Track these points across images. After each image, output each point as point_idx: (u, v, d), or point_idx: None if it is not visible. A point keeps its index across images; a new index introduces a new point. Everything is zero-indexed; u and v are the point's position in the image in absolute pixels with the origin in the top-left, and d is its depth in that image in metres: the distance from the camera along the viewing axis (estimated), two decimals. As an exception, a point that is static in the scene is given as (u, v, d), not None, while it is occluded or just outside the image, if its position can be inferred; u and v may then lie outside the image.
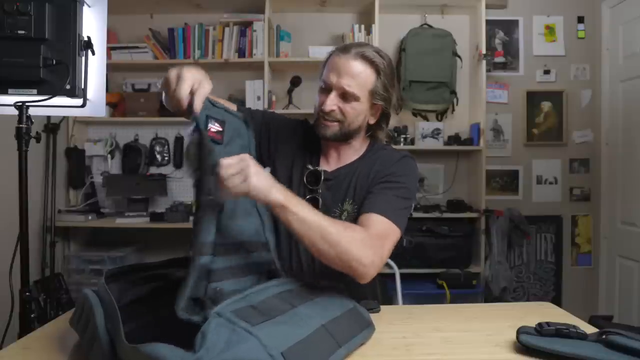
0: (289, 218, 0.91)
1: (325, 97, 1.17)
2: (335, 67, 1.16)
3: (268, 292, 0.84)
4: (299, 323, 0.77)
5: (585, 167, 3.29)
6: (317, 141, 1.28)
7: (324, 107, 1.16)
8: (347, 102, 1.16)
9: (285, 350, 0.70)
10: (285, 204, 0.90)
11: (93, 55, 1.51)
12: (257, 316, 0.74)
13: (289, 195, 0.93)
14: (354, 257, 0.95)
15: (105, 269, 1.16)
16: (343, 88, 1.14)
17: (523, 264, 3.30)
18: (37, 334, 1.00)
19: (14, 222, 1.49)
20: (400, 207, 1.12)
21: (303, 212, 0.92)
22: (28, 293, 1.48)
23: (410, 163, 1.23)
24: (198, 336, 0.68)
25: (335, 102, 1.16)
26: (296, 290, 0.89)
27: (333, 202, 1.21)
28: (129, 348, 0.70)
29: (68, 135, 3.11)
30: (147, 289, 0.97)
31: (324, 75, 1.18)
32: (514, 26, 3.30)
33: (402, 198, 1.14)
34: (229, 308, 0.74)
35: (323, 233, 0.93)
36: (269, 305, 0.79)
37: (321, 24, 3.24)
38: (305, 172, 1.24)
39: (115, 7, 1.93)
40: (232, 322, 0.71)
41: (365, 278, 0.98)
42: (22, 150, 1.47)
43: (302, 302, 0.84)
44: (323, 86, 1.18)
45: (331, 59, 1.18)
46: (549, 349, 0.82)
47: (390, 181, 1.16)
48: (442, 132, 3.10)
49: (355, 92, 1.15)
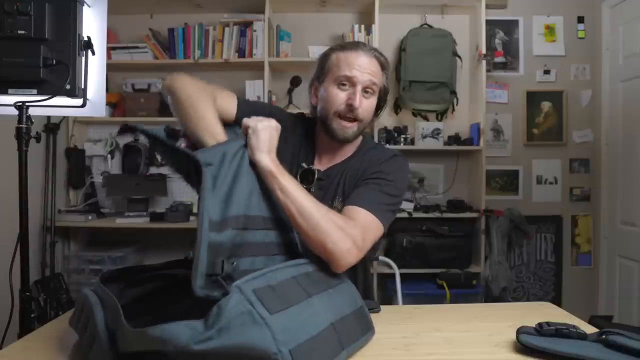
0: (274, 185, 0.92)
1: (348, 93, 1.15)
2: (357, 62, 1.15)
3: (286, 272, 0.83)
4: (312, 318, 0.77)
5: (585, 167, 3.29)
6: (312, 138, 1.27)
7: (353, 102, 1.13)
8: (367, 99, 1.17)
9: (294, 347, 0.70)
10: (272, 169, 0.92)
11: (93, 55, 1.51)
12: (274, 301, 0.74)
13: (279, 165, 0.95)
14: (331, 240, 0.92)
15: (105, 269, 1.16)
16: (370, 81, 1.15)
17: (523, 264, 3.30)
18: (37, 334, 1.00)
19: (14, 222, 1.49)
20: (385, 203, 1.11)
21: (288, 184, 0.93)
22: (28, 293, 1.48)
23: (400, 161, 1.22)
24: (214, 309, 0.68)
25: (361, 98, 1.15)
26: (313, 274, 0.88)
27: (324, 201, 1.20)
28: (133, 333, 0.70)
29: (68, 135, 3.11)
30: (147, 289, 0.97)
31: (344, 70, 1.15)
32: (514, 26, 3.30)
33: (388, 195, 1.13)
34: (250, 285, 0.73)
35: (303, 209, 0.92)
36: (286, 289, 0.79)
37: (321, 24, 3.24)
38: (299, 170, 1.23)
39: (115, 7, 1.94)
40: (251, 303, 0.71)
41: (340, 265, 0.94)
42: (22, 150, 1.47)
43: (317, 292, 0.83)
44: (343, 81, 1.15)
45: (346, 55, 1.17)
46: (548, 349, 0.82)
47: (378, 177, 1.16)
48: (442, 132, 3.10)
49: (377, 85, 1.17)
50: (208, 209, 0.79)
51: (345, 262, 0.94)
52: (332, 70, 1.18)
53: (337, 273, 0.94)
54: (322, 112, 1.20)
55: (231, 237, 0.81)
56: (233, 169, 0.88)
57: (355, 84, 1.14)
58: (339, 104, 1.16)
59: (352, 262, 0.96)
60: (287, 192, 0.92)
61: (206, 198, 0.79)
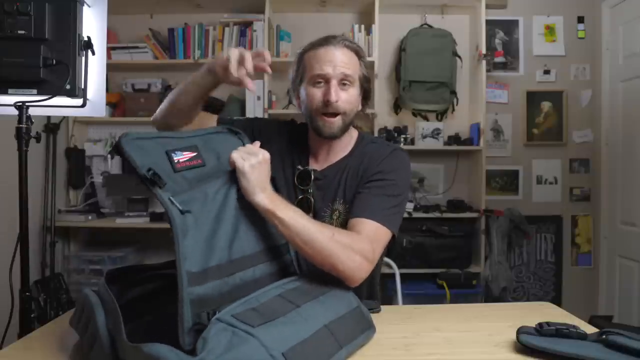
0: (275, 222, 0.92)
1: (324, 90, 1.15)
2: (327, 58, 1.14)
3: (271, 293, 0.83)
4: (301, 323, 0.77)
5: (585, 167, 3.29)
6: (305, 140, 1.27)
7: (329, 97, 1.13)
8: (345, 90, 1.16)
9: (287, 350, 0.70)
10: (270, 208, 0.91)
11: (93, 55, 1.51)
12: (257, 318, 0.74)
13: (276, 199, 0.94)
14: (339, 261, 0.95)
15: (105, 269, 1.15)
16: (343, 74, 1.14)
17: (523, 264, 3.30)
18: (37, 334, 1.00)
19: (14, 222, 1.48)
20: (390, 206, 1.11)
21: (289, 217, 0.93)
22: (28, 293, 1.48)
23: (400, 156, 1.22)
24: (199, 341, 0.68)
25: (338, 91, 1.15)
26: (301, 287, 0.88)
27: (324, 202, 1.20)
28: (130, 347, 0.70)
29: (68, 135, 3.11)
30: (147, 289, 0.97)
31: (316, 69, 1.15)
32: (514, 26, 3.30)
33: (392, 196, 1.13)
34: (229, 313, 0.73)
35: (308, 239, 0.93)
36: (271, 306, 0.79)
37: (321, 24, 3.23)
38: (295, 172, 1.23)
39: (115, 7, 1.93)
40: (232, 325, 0.71)
41: (353, 282, 0.98)
42: (22, 150, 1.47)
43: (306, 301, 0.83)
44: (318, 80, 1.15)
45: (315, 53, 1.17)
46: (548, 349, 0.82)
47: (379, 179, 1.15)
48: (442, 132, 3.10)
49: (353, 76, 1.16)
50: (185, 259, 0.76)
51: (358, 278, 0.98)
52: (307, 71, 1.18)
53: (330, 280, 0.95)
54: (306, 112, 1.21)
55: (217, 287, 0.80)
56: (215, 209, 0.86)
57: (329, 80, 1.14)
58: (317, 102, 1.16)
59: (365, 276, 0.99)
60: (288, 225, 0.92)
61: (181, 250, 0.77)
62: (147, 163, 0.82)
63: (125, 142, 0.83)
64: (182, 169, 0.87)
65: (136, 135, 0.85)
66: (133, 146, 0.83)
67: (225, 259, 0.83)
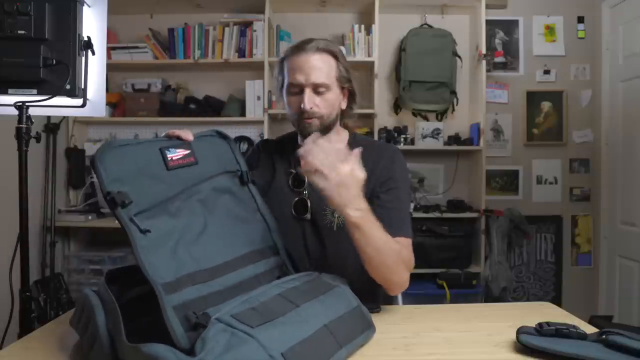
0: (357, 236, 0.98)
1: (299, 98, 1.18)
2: (299, 67, 1.18)
3: (270, 292, 0.83)
4: (301, 323, 0.77)
5: (585, 167, 3.29)
6: (293, 145, 1.29)
7: (304, 106, 1.17)
8: (321, 95, 1.19)
9: (286, 350, 0.70)
10: (359, 224, 0.97)
11: (93, 55, 1.50)
12: (256, 318, 0.74)
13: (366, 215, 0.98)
14: (398, 276, 1.09)
15: (105, 269, 1.15)
16: (314, 83, 1.17)
17: (523, 264, 3.30)
18: (37, 334, 1.00)
19: (14, 222, 1.48)
20: (406, 212, 1.22)
21: (372, 235, 0.99)
22: (28, 293, 1.47)
23: (402, 158, 1.27)
24: (198, 342, 0.68)
25: (312, 98, 1.18)
26: (301, 287, 0.88)
27: (322, 202, 1.20)
28: (129, 347, 0.70)
29: (68, 135, 3.11)
30: (147, 289, 0.97)
31: (290, 78, 1.19)
32: (514, 26, 3.30)
33: (405, 200, 1.23)
34: (229, 313, 0.74)
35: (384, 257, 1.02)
36: (270, 306, 0.79)
37: (321, 24, 3.24)
38: (289, 176, 1.26)
39: (115, 7, 1.94)
40: (231, 326, 0.71)
41: (396, 292, 1.15)
42: (22, 150, 1.47)
43: (306, 300, 0.83)
44: (293, 89, 1.20)
45: (290, 62, 1.20)
46: (548, 349, 0.82)
47: (391, 188, 1.20)
48: (442, 132, 3.10)
49: (326, 82, 1.18)
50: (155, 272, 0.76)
51: (400, 290, 1.15)
52: (285, 79, 1.22)
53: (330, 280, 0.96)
54: (290, 117, 1.26)
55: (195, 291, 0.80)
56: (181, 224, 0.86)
57: (302, 88, 1.18)
58: (295, 110, 1.21)
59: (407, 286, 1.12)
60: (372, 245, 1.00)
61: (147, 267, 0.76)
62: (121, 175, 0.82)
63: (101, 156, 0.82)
64: (176, 167, 0.89)
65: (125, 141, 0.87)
66: (112, 156, 0.83)
67: (194, 269, 0.83)
